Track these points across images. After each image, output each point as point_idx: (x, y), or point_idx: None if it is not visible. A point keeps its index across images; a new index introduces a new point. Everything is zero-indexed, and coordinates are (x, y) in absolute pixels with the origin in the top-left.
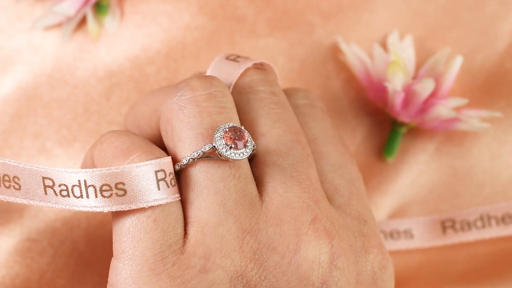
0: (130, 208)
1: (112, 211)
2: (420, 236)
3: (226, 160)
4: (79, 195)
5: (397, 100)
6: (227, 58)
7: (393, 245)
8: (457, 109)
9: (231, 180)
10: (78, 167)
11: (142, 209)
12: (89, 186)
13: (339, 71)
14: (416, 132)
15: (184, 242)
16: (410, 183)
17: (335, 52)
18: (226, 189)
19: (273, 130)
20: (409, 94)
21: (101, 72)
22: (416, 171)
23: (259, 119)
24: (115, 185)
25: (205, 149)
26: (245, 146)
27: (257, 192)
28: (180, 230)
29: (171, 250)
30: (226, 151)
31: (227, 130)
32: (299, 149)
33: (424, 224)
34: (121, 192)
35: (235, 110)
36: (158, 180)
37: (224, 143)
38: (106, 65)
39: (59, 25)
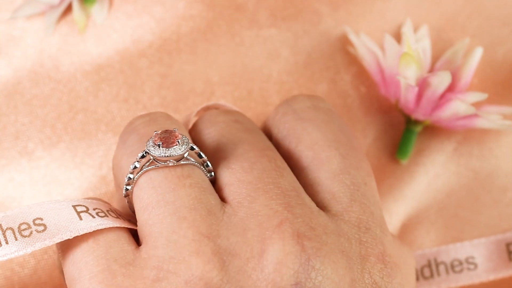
0: (54, 242)
1: (57, 258)
2: (485, 265)
3: (172, 168)
4: None
5: (411, 95)
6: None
7: (456, 281)
8: (477, 105)
9: (181, 189)
10: (63, 170)
11: (78, 238)
12: (7, 229)
13: (348, 65)
14: (432, 130)
15: (136, 257)
16: (426, 186)
17: (344, 43)
18: (177, 198)
19: (235, 151)
20: (423, 88)
21: (88, 66)
22: (433, 174)
23: (220, 146)
24: (33, 221)
25: (138, 157)
26: (176, 143)
27: (218, 202)
28: (127, 246)
29: (118, 264)
30: (155, 151)
31: (158, 133)
32: (265, 162)
33: (486, 247)
34: (41, 228)
35: (186, 131)
36: (78, 212)
37: (152, 144)
38: (93, 59)
39: (42, 14)
